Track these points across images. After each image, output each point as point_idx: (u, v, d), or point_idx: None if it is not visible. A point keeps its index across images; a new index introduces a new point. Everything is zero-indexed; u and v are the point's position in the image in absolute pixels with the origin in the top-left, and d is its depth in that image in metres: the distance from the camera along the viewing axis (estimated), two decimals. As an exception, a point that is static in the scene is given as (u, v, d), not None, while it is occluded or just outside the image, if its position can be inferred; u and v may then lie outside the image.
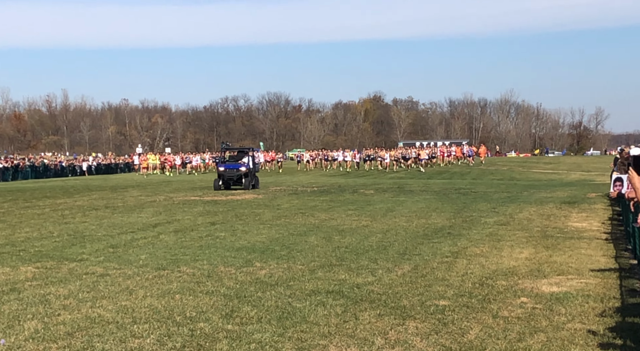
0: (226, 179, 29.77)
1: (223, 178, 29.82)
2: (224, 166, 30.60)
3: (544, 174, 49.57)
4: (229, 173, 29.98)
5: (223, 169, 30.38)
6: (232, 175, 29.91)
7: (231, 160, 32.11)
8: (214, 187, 29.64)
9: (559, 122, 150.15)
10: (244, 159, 31.48)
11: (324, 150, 64.32)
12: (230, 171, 30.13)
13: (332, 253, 11.95)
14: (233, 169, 30.23)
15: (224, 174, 29.94)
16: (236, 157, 32.31)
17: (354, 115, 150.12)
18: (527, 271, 10.15)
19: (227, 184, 29.78)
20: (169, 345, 6.34)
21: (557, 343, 6.41)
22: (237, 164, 30.74)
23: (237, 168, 30.26)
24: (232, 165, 30.71)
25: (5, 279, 9.56)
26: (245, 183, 29.76)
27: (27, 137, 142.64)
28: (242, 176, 29.96)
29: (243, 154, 32.64)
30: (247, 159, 31.29)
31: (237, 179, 29.89)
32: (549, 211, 19.52)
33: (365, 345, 6.40)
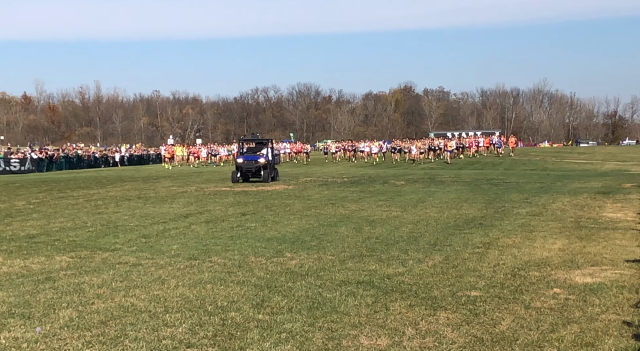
0: (244, 171, 28.99)
1: (241, 170, 29.05)
2: (242, 158, 29.77)
3: (578, 164, 48.95)
4: (247, 165, 29.13)
5: (241, 160, 29.52)
6: (251, 167, 29.05)
7: (250, 151, 31.09)
8: (232, 179, 28.93)
9: (594, 111, 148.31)
10: (263, 150, 30.43)
11: (350, 141, 63.66)
12: (248, 162, 29.21)
13: (363, 243, 11.94)
14: (251, 160, 29.29)
15: (242, 166, 29.12)
16: (255, 149, 31.26)
17: (384, 106, 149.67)
18: (560, 261, 10.03)
19: (246, 176, 29.05)
20: (200, 334, 6.39)
21: (591, 334, 6.33)
22: (255, 156, 29.77)
23: (256, 160, 29.31)
24: (251, 157, 29.74)
25: (40, 269, 9.71)
26: (264, 175, 28.91)
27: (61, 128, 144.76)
28: (260, 168, 29.07)
29: (262, 146, 31.55)
30: (266, 151, 30.28)
31: (256, 171, 29.05)
32: (582, 201, 19.26)
33: (396, 335, 6.39)
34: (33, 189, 25.94)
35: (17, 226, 14.60)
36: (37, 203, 20.06)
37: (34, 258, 10.57)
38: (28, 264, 10.05)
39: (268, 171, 29.05)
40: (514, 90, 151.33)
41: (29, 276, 9.14)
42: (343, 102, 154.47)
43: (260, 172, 28.92)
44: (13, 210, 18.15)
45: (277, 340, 6.19)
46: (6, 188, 26.56)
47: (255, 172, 28.97)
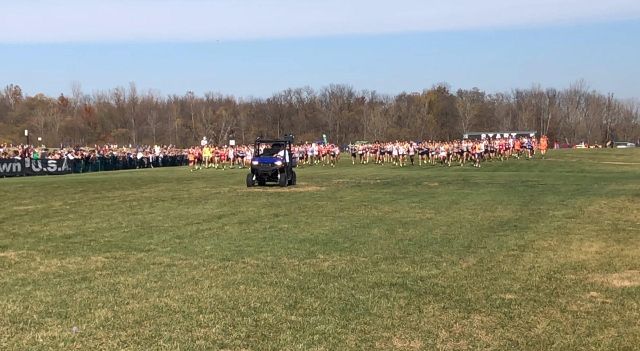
0: (260, 174, 27.50)
1: (257, 173, 27.50)
2: (258, 160, 28.09)
3: (616, 166, 48.18)
4: (263, 168, 27.54)
5: (257, 163, 27.88)
6: (267, 170, 27.50)
7: (266, 154, 29.63)
8: (247, 183, 27.38)
9: (632, 112, 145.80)
10: (280, 153, 28.82)
11: (378, 142, 62.47)
12: (264, 165, 27.66)
13: (395, 245, 11.88)
14: (267, 163, 27.75)
15: (258, 169, 27.52)
16: (271, 151, 29.86)
17: (417, 107, 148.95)
18: (597, 265, 9.88)
19: (262, 179, 27.62)
20: (233, 335, 6.41)
21: (629, 338, 6.22)
22: (271, 158, 28.26)
23: (272, 163, 27.77)
24: (267, 159, 28.21)
25: (77, 269, 9.84)
26: (281, 178, 27.38)
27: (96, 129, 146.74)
28: (277, 171, 27.50)
29: (279, 148, 29.85)
30: (283, 153, 28.50)
31: (272, 175, 27.53)
32: (620, 203, 18.95)
33: (430, 337, 6.34)
34: (69, 189, 26.32)
35: (54, 227, 14.82)
36: (73, 204, 20.35)
37: (71, 258, 10.71)
38: (65, 264, 10.19)
39: (285, 174, 27.62)
40: (550, 91, 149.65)
41: (65, 276, 9.27)
42: (376, 104, 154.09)
43: (277, 175, 27.52)
44: (50, 211, 18.43)
45: (310, 342, 6.19)
46: (44, 189, 26.99)
47: (272, 175, 27.58)
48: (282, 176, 27.37)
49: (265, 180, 27.65)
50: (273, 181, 27.62)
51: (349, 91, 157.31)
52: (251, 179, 27.29)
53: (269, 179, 27.63)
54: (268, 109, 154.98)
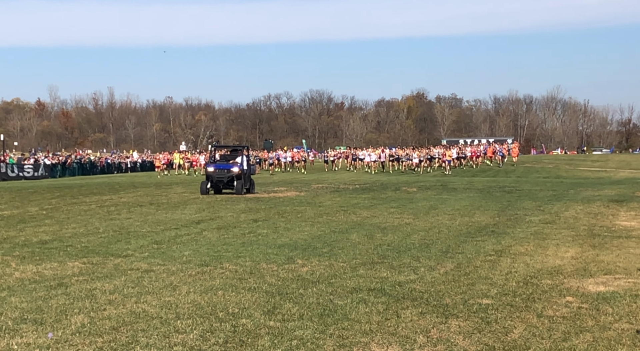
0: (215, 182, 25.98)
1: (211, 180, 26.00)
2: (213, 166, 26.55)
3: (592, 172, 48.68)
4: (218, 175, 26.03)
5: (212, 169, 26.33)
6: (222, 177, 25.98)
7: (222, 160, 28.15)
8: (201, 190, 25.88)
9: (607, 119, 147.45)
10: (238, 158, 27.10)
11: (350, 149, 61.08)
12: (220, 172, 26.14)
13: (374, 250, 11.91)
14: (223, 170, 26.21)
15: (213, 176, 25.99)
16: (228, 157, 28.23)
17: (396, 112, 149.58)
18: (573, 270, 9.97)
19: (217, 187, 26.11)
20: (211, 341, 6.39)
21: (604, 343, 6.28)
22: (228, 165, 26.63)
23: (228, 169, 26.19)
24: (222, 165, 26.66)
25: (53, 274, 9.75)
26: (237, 186, 25.76)
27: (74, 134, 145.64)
28: (233, 177, 25.93)
29: (236, 153, 28.24)
30: (240, 159, 26.87)
31: (228, 182, 25.99)
32: (596, 209, 19.16)
33: (407, 343, 6.36)
34: (46, 195, 26.09)
35: (30, 232, 14.68)
36: (50, 209, 20.16)
37: (47, 264, 10.61)
38: (40, 270, 10.09)
39: (242, 181, 25.97)
40: (527, 97, 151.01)
41: (41, 282, 9.18)
42: (355, 109, 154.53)
43: (233, 182, 25.96)
44: (26, 216, 18.25)
45: (288, 347, 6.19)
46: (19, 194, 26.73)
47: (227, 182, 26.04)
48: (238, 184, 25.82)
49: (221, 188, 26.20)
50: (229, 188, 26.20)
51: (329, 97, 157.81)
52: (205, 187, 25.84)
53: (225, 186, 26.22)
54: (247, 114, 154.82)
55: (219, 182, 26.01)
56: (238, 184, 25.81)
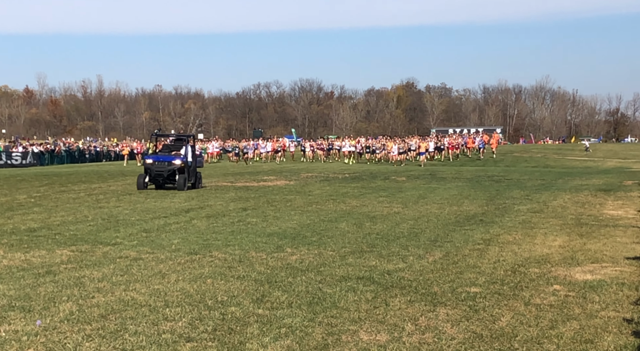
0: (154, 175, 23.13)
1: (150, 174, 23.17)
2: (152, 158, 23.67)
3: (580, 161, 48.91)
4: (157, 167, 23.14)
5: (150, 162, 23.45)
6: (162, 170, 23.09)
7: (165, 150, 25.03)
8: (137, 185, 22.99)
9: (596, 108, 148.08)
10: (182, 150, 24.19)
11: (323, 139, 58.52)
12: (159, 164, 23.24)
13: (363, 239, 11.94)
14: (163, 162, 23.31)
15: (152, 169, 23.14)
16: (171, 148, 25.15)
17: (386, 102, 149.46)
18: (561, 258, 10.04)
19: (156, 181, 23.23)
20: (200, 328, 6.40)
21: (590, 331, 6.33)
22: (169, 157, 23.70)
23: (170, 161, 23.33)
24: (163, 157, 23.69)
25: (41, 262, 9.73)
26: (179, 180, 22.93)
27: (62, 122, 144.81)
28: (175, 171, 23.13)
29: (180, 144, 25.17)
30: (184, 150, 23.99)
31: (169, 176, 23.16)
32: (583, 198, 19.27)
33: (396, 330, 6.39)
34: (34, 182, 25.96)
35: (18, 220, 14.62)
36: (38, 197, 20.07)
37: (35, 252, 10.58)
38: (29, 258, 10.06)
39: (185, 175, 23.18)
40: (516, 87, 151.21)
41: (29, 270, 9.15)
42: (345, 98, 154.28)
43: (175, 176, 23.14)
44: (14, 204, 18.16)
45: (277, 335, 6.20)
46: (7, 182, 26.58)
47: (168, 176, 23.21)
48: (180, 178, 23.01)
49: (161, 182, 23.34)
50: (170, 183, 23.35)
51: (318, 86, 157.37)
52: (143, 181, 23.03)
53: (165, 180, 23.35)
54: (237, 103, 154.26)
55: (159, 176, 23.17)
56: (180, 178, 23.04)
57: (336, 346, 5.91)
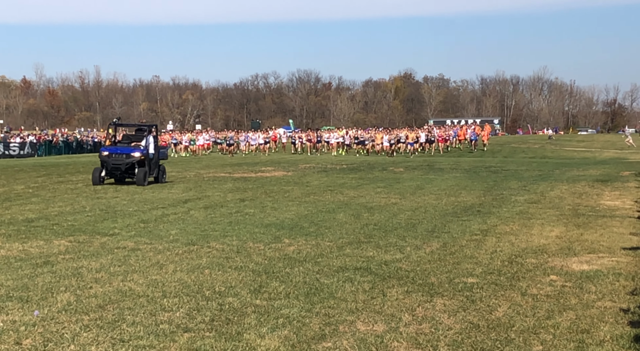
0: (110, 169, 21.27)
1: (106, 167, 21.29)
2: (108, 150, 21.59)
3: (577, 152, 48.95)
4: (115, 160, 21.20)
5: (106, 153, 21.44)
6: (119, 163, 21.16)
7: (125, 141, 22.97)
8: (93, 180, 21.05)
9: (593, 99, 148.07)
10: (143, 141, 22.10)
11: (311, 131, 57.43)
12: (117, 157, 21.28)
13: (361, 230, 11.96)
14: (121, 154, 21.33)
15: (108, 161, 21.22)
16: (132, 138, 23.10)
17: (384, 93, 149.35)
18: (558, 249, 10.06)
19: (113, 175, 21.44)
20: (198, 319, 6.41)
21: (587, 321, 6.36)
22: (128, 148, 21.74)
23: (128, 153, 21.36)
24: (121, 149, 21.70)
25: (39, 253, 9.73)
26: (139, 174, 20.93)
27: (60, 113, 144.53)
28: (133, 164, 21.20)
29: (141, 134, 23.00)
30: (145, 142, 21.97)
31: (127, 169, 21.25)
32: (581, 189, 19.30)
33: (393, 321, 6.41)
34: (32, 173, 25.94)
35: (16, 210, 14.62)
36: (36, 187, 20.06)
37: (33, 242, 10.59)
38: (26, 248, 10.07)
39: (145, 168, 21.23)
40: (513, 77, 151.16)
41: (27, 260, 9.16)
42: (343, 89, 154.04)
43: (134, 170, 21.20)
44: (12, 194, 18.15)
45: (275, 325, 6.22)
46: (5, 172, 26.56)
47: (126, 170, 21.31)
48: (140, 171, 21.03)
49: (119, 176, 21.52)
50: (129, 177, 21.51)
51: (316, 76, 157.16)
52: (98, 175, 21.11)
53: (123, 174, 21.48)
54: (235, 94, 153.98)
55: (116, 169, 21.31)
56: (140, 172, 21.03)
57: (333, 337, 5.93)
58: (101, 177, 21.18)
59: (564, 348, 5.64)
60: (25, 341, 5.76)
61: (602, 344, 5.73)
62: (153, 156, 21.99)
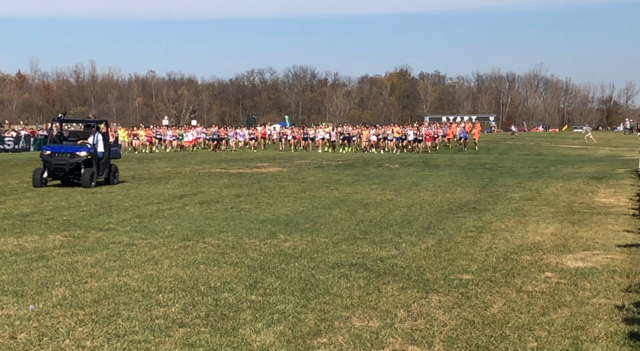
0: (53, 170, 19.16)
1: (49, 168, 19.20)
2: (51, 149, 19.55)
3: (572, 149, 49.04)
4: (58, 160, 19.11)
5: (49, 153, 19.37)
6: (63, 163, 19.07)
7: (72, 139, 20.79)
8: (33, 182, 18.92)
9: (589, 97, 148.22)
10: (90, 139, 19.97)
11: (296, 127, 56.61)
12: (60, 156, 19.21)
13: (356, 226, 11.96)
14: (65, 153, 19.24)
15: (50, 162, 19.12)
16: (80, 135, 20.85)
17: (380, 89, 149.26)
18: (553, 246, 10.08)
19: (57, 176, 19.37)
20: (193, 314, 6.41)
21: (581, 318, 6.37)
22: (72, 147, 19.70)
23: (72, 153, 19.29)
24: (65, 148, 19.63)
25: (34, 247, 9.72)
26: (85, 175, 18.91)
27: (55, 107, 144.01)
28: (79, 164, 19.14)
29: (88, 131, 20.82)
30: (93, 139, 19.88)
31: (72, 170, 19.12)
32: (576, 186, 19.34)
33: (388, 317, 6.42)
34: (27, 167, 25.86)
35: (11, 205, 14.58)
36: (30, 182, 19.97)
37: (28, 237, 10.57)
38: (21, 243, 10.05)
39: (92, 169, 19.24)
40: (509, 74, 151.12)
41: (22, 255, 9.14)
42: (339, 85, 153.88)
43: (80, 170, 19.15)
44: (7, 188, 18.12)
45: (270, 321, 6.22)
46: (0, 166, 26.48)
47: (71, 171, 19.18)
48: (86, 172, 19.00)
49: (63, 177, 19.44)
50: (74, 178, 19.31)
51: (312, 72, 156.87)
52: (39, 177, 18.99)
53: (68, 175, 19.29)
54: (230, 90, 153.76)
55: (59, 170, 19.20)
56: (86, 172, 19.00)
57: (329, 332, 5.93)
58: (43, 178, 19.04)
59: (559, 345, 5.65)
60: (20, 336, 5.75)
61: (596, 341, 5.74)
62: (103, 154, 20.01)
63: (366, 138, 45.44)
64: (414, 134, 45.85)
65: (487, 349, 5.57)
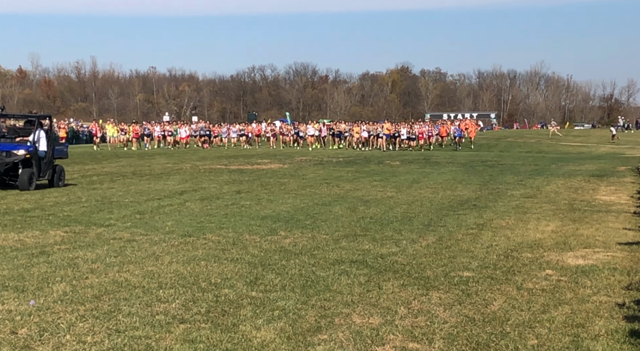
0: None
1: None
2: None
3: (573, 147, 49.01)
4: None
5: None
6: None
7: (9, 136, 18.77)
8: None
9: (590, 94, 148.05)
10: (31, 136, 17.95)
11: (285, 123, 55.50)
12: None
13: (357, 223, 11.96)
14: (1, 152, 17.36)
15: None
16: (20, 132, 18.94)
17: (381, 86, 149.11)
18: (553, 243, 10.08)
19: None
20: (193, 310, 6.41)
21: (582, 315, 6.37)
22: (10, 145, 17.83)
23: (9, 151, 17.41)
24: (2, 145, 17.71)
25: (35, 243, 9.72)
26: (23, 176, 16.88)
27: (56, 103, 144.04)
28: (16, 164, 17.20)
29: (29, 127, 18.86)
30: (34, 136, 17.85)
31: (8, 170, 17.11)
32: (577, 184, 19.33)
33: (388, 314, 6.42)
34: None
35: (12, 200, 14.59)
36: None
37: (28, 232, 10.57)
38: (22, 238, 10.05)
39: (32, 170, 17.28)
40: (510, 72, 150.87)
41: (23, 250, 9.14)
42: (340, 82, 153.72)
43: (17, 171, 17.14)
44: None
45: (270, 317, 6.22)
46: (1, 162, 26.46)
47: (6, 171, 17.12)
48: (24, 173, 17.01)
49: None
50: (11, 180, 17.19)
51: (313, 69, 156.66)
52: None
53: (3, 177, 17.19)
54: (231, 86, 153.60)
55: None
56: (24, 173, 16.99)
57: (329, 329, 5.93)
58: None
59: (559, 342, 5.65)
60: (21, 331, 5.75)
61: (597, 338, 5.74)
62: (45, 154, 17.98)
63: (357, 134, 44.49)
64: (407, 133, 44.01)
65: (488, 346, 5.57)
